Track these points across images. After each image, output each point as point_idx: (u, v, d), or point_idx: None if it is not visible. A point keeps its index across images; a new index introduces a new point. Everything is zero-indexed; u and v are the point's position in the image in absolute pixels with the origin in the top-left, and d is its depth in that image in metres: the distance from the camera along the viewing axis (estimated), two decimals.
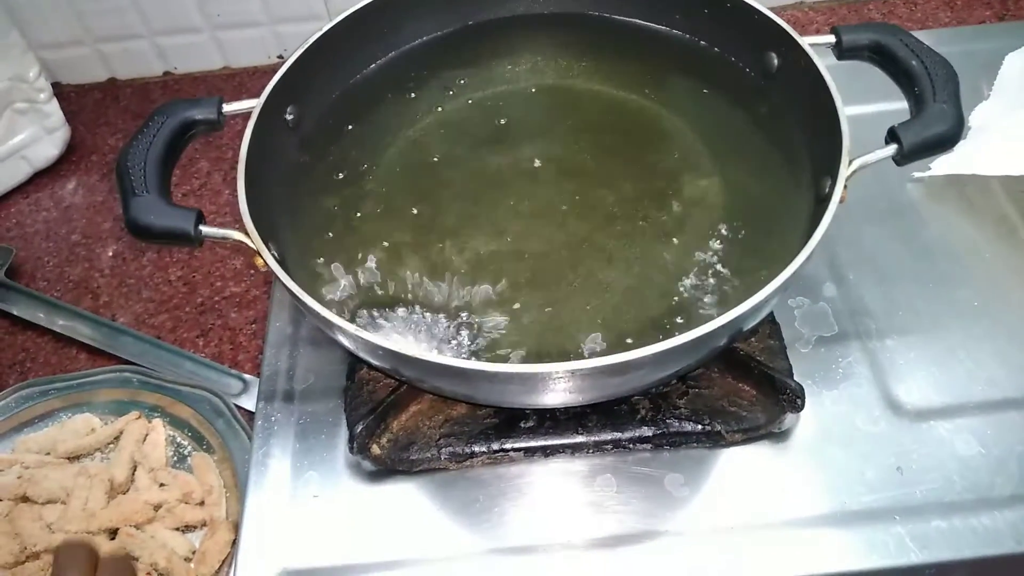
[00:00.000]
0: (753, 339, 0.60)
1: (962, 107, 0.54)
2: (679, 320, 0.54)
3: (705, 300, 0.55)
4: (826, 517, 0.55)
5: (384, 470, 0.58)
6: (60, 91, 1.02)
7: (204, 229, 0.52)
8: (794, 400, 0.56)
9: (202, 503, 0.72)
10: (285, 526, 0.56)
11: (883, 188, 0.70)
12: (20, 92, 0.91)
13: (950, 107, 0.53)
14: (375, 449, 0.57)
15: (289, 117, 0.62)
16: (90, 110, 1.02)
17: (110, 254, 0.91)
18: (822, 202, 0.52)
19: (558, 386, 0.47)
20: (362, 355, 0.49)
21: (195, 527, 0.71)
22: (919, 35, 0.85)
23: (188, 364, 0.81)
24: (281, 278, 0.49)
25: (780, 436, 0.58)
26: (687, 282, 0.56)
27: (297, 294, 0.48)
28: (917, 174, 0.70)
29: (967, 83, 0.70)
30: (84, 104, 1.02)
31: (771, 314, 0.62)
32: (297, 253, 0.58)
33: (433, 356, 0.46)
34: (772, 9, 0.93)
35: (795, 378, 0.59)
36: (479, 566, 0.54)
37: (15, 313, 0.85)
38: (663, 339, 0.45)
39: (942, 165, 0.69)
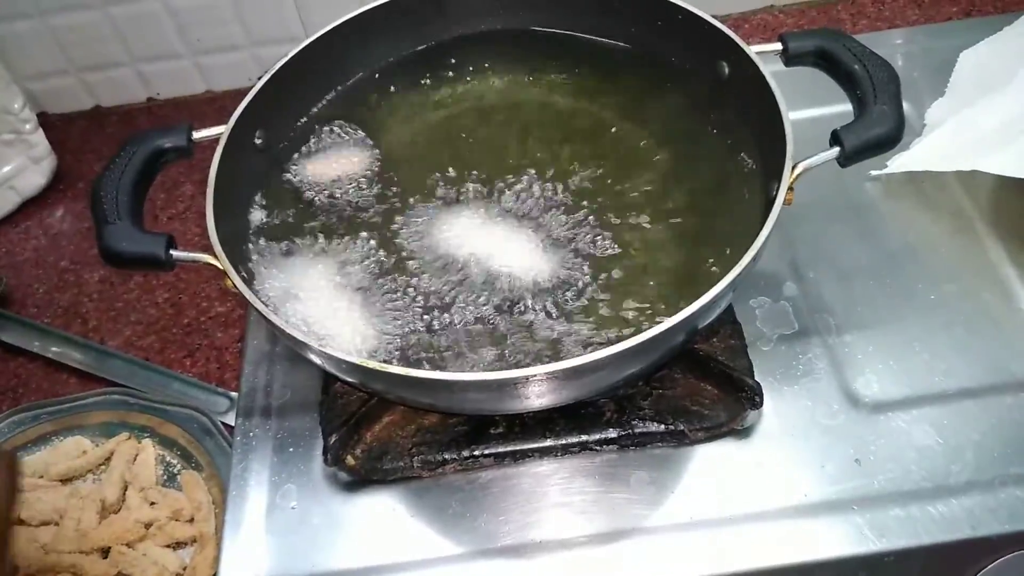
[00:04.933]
0: (715, 339, 0.62)
1: (903, 107, 0.55)
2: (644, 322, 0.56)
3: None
4: (788, 510, 0.56)
5: (359, 480, 0.60)
6: (46, 120, 1.05)
7: (175, 253, 0.54)
8: (752, 397, 0.58)
9: (191, 520, 0.74)
10: (265, 537, 0.58)
11: (842, 188, 0.72)
12: (6, 124, 0.93)
13: (890, 109, 0.54)
14: (349, 460, 0.59)
15: (258, 141, 0.64)
16: (76, 138, 1.04)
17: (97, 279, 0.93)
18: (771, 204, 0.54)
19: (517, 391, 0.49)
20: (328, 369, 0.51)
21: (185, 544, 0.73)
22: (887, 34, 0.88)
23: (176, 384, 0.83)
24: (248, 298, 0.51)
25: (743, 433, 0.60)
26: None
27: (263, 312, 0.50)
28: (875, 172, 0.72)
29: (929, 81, 0.72)
30: (70, 133, 1.05)
31: (732, 314, 0.63)
32: (267, 272, 0.60)
33: (394, 368, 0.47)
34: (742, 13, 0.95)
35: (756, 376, 0.60)
36: (454, 570, 0.56)
37: (7, 340, 0.87)
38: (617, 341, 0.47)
39: (898, 163, 0.70)
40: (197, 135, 0.60)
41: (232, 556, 0.57)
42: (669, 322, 0.48)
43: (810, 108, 0.61)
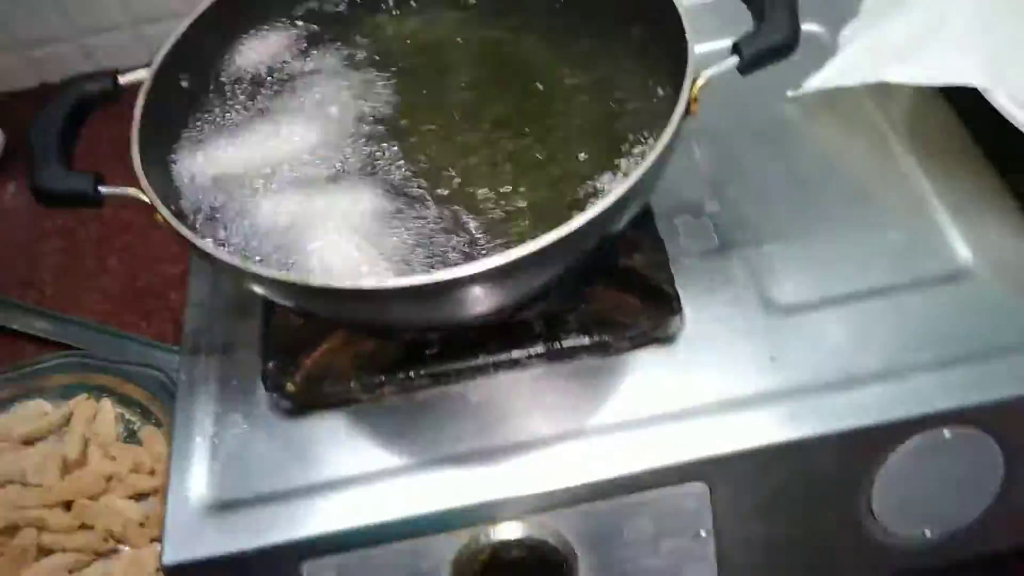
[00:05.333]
0: (636, 254, 0.64)
1: (797, 15, 0.57)
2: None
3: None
4: (711, 406, 0.59)
5: (301, 406, 0.62)
6: None
7: (103, 189, 0.56)
8: (670, 303, 0.61)
9: (152, 472, 0.76)
10: (210, 464, 0.60)
11: (761, 109, 0.75)
12: None
13: (783, 16, 0.57)
14: (289, 386, 0.61)
15: (184, 84, 0.65)
16: (23, 115, 1.05)
17: (52, 251, 0.95)
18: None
19: (437, 298, 0.51)
20: (255, 288, 0.53)
21: (147, 494, 0.75)
22: None
23: (133, 345, 0.85)
24: (175, 226, 0.53)
25: (666, 341, 0.62)
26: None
27: (189, 238, 0.52)
28: (790, 93, 0.74)
29: (849, 5, 0.75)
30: (17, 110, 1.06)
31: (654, 230, 0.66)
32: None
33: (304, 278, 0.50)
34: None
35: (678, 287, 0.63)
36: (396, 482, 0.59)
37: None
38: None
39: (810, 82, 0.73)
40: (123, 79, 0.62)
41: (179, 483, 0.59)
42: (579, 219, 0.50)
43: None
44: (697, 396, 0.60)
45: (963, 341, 0.60)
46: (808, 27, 0.77)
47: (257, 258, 0.56)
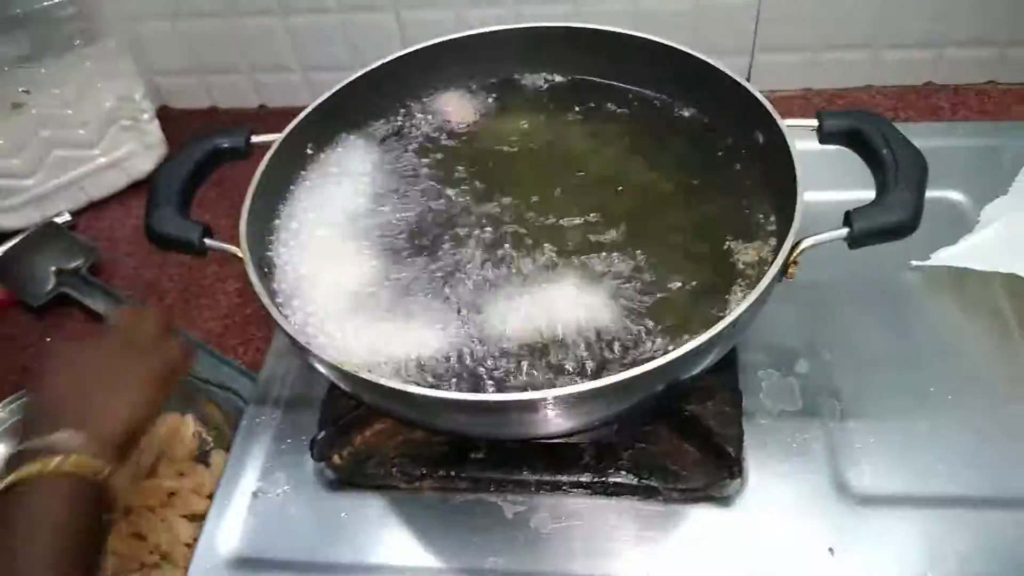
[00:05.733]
0: (709, 403, 0.61)
1: (923, 197, 0.54)
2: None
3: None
4: None
5: (343, 481, 0.63)
6: (167, 113, 1.15)
7: (208, 241, 0.59)
8: (731, 467, 0.57)
9: (211, 496, 0.78)
10: (246, 518, 0.62)
11: (879, 274, 0.70)
12: (126, 111, 1.03)
13: (909, 196, 0.53)
14: (336, 459, 0.62)
15: (309, 151, 0.69)
16: (189, 133, 1.13)
17: (180, 263, 1.01)
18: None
19: (482, 416, 0.51)
20: (317, 369, 0.55)
21: (202, 517, 0.77)
22: (989, 126, 0.85)
23: (225, 368, 0.89)
24: (257, 290, 0.55)
25: (721, 501, 0.59)
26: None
27: (266, 305, 0.54)
28: (915, 263, 0.70)
29: (999, 179, 0.70)
30: (185, 127, 1.14)
31: (734, 381, 0.63)
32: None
33: (363, 374, 0.50)
34: (840, 90, 0.94)
35: (748, 447, 0.60)
36: None
37: (91, 306, 0.95)
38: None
39: (940, 256, 0.68)
40: (256, 139, 0.65)
41: (212, 530, 0.61)
42: (637, 370, 0.48)
43: (844, 191, 0.60)
44: (743, 570, 0.56)
45: None
46: (949, 194, 0.73)
47: (320, 337, 0.57)
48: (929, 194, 0.54)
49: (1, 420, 0.83)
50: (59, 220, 1.05)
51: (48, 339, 0.94)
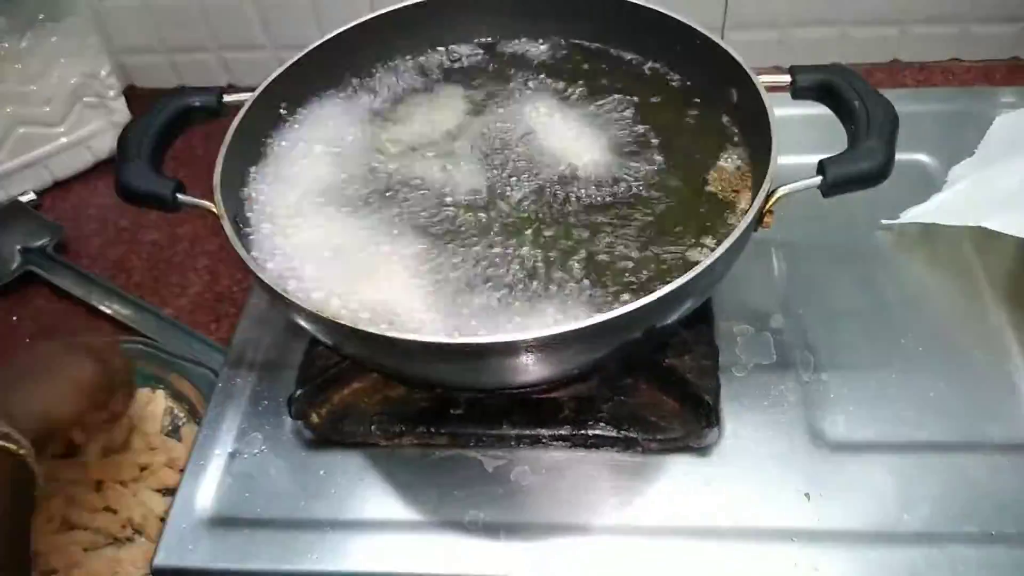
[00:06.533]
0: (687, 356, 0.62)
1: (894, 147, 0.55)
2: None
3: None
4: (727, 531, 0.56)
5: (321, 440, 0.62)
6: (134, 93, 1.13)
7: (180, 197, 0.58)
8: (708, 415, 0.58)
9: (183, 470, 0.77)
10: (223, 479, 0.61)
11: (851, 232, 0.72)
12: (91, 88, 1.01)
13: (879, 145, 0.54)
14: (313, 417, 0.61)
15: (283, 112, 0.68)
16: None
17: (149, 241, 0.99)
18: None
19: (462, 362, 0.51)
20: (294, 319, 0.54)
21: (175, 490, 0.76)
22: (956, 91, 0.87)
23: (196, 344, 0.87)
24: (232, 242, 0.55)
25: (699, 451, 0.60)
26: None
27: (244, 258, 0.54)
28: (885, 221, 0.71)
29: (973, 140, 0.71)
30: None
31: (710, 335, 0.64)
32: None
33: (346, 321, 0.50)
34: (862, 64, 0.95)
35: (724, 399, 0.60)
36: (393, 537, 0.58)
37: (56, 284, 0.94)
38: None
39: (909, 214, 0.69)
40: (228, 98, 0.65)
41: (188, 492, 0.60)
42: (619, 310, 0.48)
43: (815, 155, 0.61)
44: (720, 517, 0.57)
45: (1016, 518, 0.55)
46: (918, 157, 0.75)
47: (297, 292, 0.57)
48: (898, 156, 0.55)
49: None
50: (24, 199, 1.03)
51: (15, 318, 0.93)
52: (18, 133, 1.00)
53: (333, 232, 0.61)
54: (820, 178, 0.55)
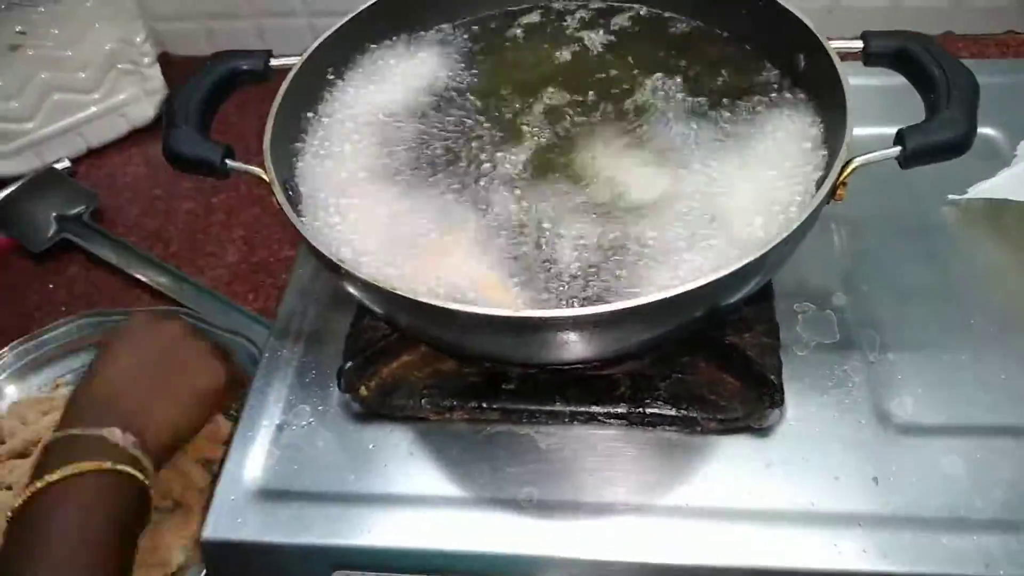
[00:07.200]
0: (747, 334, 0.60)
1: (976, 117, 0.52)
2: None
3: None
4: (791, 514, 0.54)
5: (370, 413, 0.61)
6: (169, 60, 1.12)
7: (230, 163, 0.57)
8: (772, 395, 0.56)
9: (226, 442, 0.76)
10: (270, 450, 0.60)
11: (916, 207, 0.69)
12: (126, 54, 1.00)
13: (961, 115, 0.52)
14: (362, 390, 0.60)
15: (330, 77, 0.66)
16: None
17: (185, 211, 0.98)
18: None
19: (522, 336, 0.49)
20: (347, 288, 0.53)
21: (215, 462, 0.75)
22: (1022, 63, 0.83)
23: (234, 314, 0.87)
24: (284, 209, 0.53)
25: (760, 432, 0.58)
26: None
27: (295, 223, 0.52)
28: (952, 196, 0.69)
29: None
30: (187, 74, 1.11)
31: (771, 313, 0.61)
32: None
33: (403, 291, 0.48)
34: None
35: (785, 378, 0.58)
36: (444, 513, 0.56)
37: (93, 252, 0.93)
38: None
39: (978, 189, 0.67)
40: (275, 62, 0.63)
41: (236, 463, 0.59)
42: (683, 287, 0.47)
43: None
44: (783, 500, 0.55)
45: None
46: (985, 130, 0.72)
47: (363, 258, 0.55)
48: None
49: (7, 364, 0.81)
50: (59, 167, 1.02)
51: (51, 286, 0.92)
52: (53, 99, 0.99)
53: (385, 200, 0.59)
54: (899, 148, 0.52)
